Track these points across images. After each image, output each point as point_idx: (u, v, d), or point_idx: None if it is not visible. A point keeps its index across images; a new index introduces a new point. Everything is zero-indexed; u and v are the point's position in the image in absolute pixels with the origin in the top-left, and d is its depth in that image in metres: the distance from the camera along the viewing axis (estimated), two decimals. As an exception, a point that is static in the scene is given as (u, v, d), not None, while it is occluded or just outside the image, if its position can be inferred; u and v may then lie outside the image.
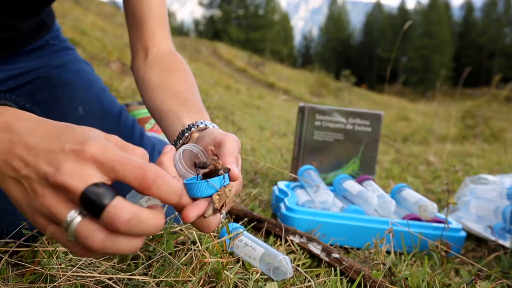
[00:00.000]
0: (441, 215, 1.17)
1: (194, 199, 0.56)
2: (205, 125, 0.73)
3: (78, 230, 0.44)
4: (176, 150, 0.70)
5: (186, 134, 0.73)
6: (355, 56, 54.24)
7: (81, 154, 0.44)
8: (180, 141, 0.74)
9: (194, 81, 0.90)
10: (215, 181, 0.55)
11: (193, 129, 0.73)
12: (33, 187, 0.45)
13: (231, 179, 0.57)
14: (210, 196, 0.56)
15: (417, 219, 1.12)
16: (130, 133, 1.05)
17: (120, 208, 0.43)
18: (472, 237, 1.26)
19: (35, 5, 0.96)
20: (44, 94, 1.03)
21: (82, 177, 0.44)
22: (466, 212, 1.31)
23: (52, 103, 1.02)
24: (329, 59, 52.31)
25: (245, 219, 1.05)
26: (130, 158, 0.45)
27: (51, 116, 1.01)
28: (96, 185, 0.44)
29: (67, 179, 0.43)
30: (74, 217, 0.44)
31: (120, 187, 0.48)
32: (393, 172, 2.27)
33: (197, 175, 0.58)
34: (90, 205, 0.43)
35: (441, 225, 1.08)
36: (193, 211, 0.53)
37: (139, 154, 0.50)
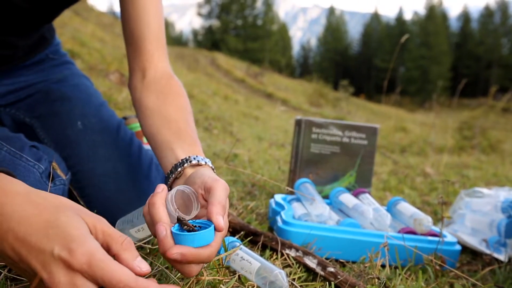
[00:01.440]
0: (437, 228, 1.18)
1: None
2: (198, 161, 0.77)
3: None
4: (169, 186, 0.75)
5: (179, 169, 0.77)
6: (353, 66, 54.52)
7: (70, 266, 0.49)
8: (173, 175, 0.77)
9: (190, 107, 0.93)
10: (201, 236, 0.59)
11: (185, 164, 0.77)
12: (32, 280, 0.51)
13: (216, 230, 0.61)
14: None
15: (412, 232, 1.13)
16: (128, 146, 1.06)
17: None
18: (467, 250, 1.27)
19: (36, 24, 0.98)
20: (43, 108, 1.04)
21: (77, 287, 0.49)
22: (461, 225, 1.32)
23: (51, 117, 1.04)
24: (327, 69, 52.54)
25: (242, 232, 1.06)
26: (111, 278, 0.49)
27: (51, 129, 1.02)
28: None
29: None
30: None
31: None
32: (390, 183, 2.28)
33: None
34: None
35: (436, 238, 1.09)
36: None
37: (123, 244, 0.54)
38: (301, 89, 17.05)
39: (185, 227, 0.62)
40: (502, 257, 1.15)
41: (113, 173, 0.99)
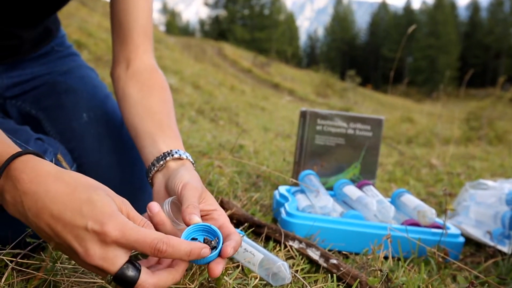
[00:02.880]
0: (441, 221, 1.18)
1: None
2: (179, 155, 0.80)
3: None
4: (150, 178, 0.81)
5: (161, 163, 0.80)
6: (360, 56, 54.11)
7: (103, 238, 0.53)
8: (155, 168, 0.80)
9: (172, 101, 0.96)
10: (207, 258, 0.61)
11: (168, 158, 0.80)
12: (69, 253, 0.56)
13: (222, 256, 0.63)
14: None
15: (416, 224, 1.13)
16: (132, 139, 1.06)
17: (145, 284, 0.55)
18: (471, 242, 1.27)
19: (40, 15, 0.98)
20: (49, 101, 1.05)
21: (111, 260, 0.54)
22: (465, 217, 1.32)
23: (57, 109, 1.04)
24: (335, 59, 52.21)
25: (246, 224, 1.07)
26: (145, 238, 0.54)
27: (56, 121, 1.03)
28: (125, 266, 0.55)
29: (99, 263, 0.54)
30: (111, 281, 0.56)
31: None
32: (396, 175, 2.27)
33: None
34: (122, 282, 0.55)
35: (440, 230, 1.09)
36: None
37: (144, 226, 0.59)
38: (308, 79, 16.97)
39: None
40: (505, 249, 1.15)
41: (117, 165, 1.00)
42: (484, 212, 1.29)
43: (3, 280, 0.67)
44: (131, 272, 0.54)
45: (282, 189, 1.30)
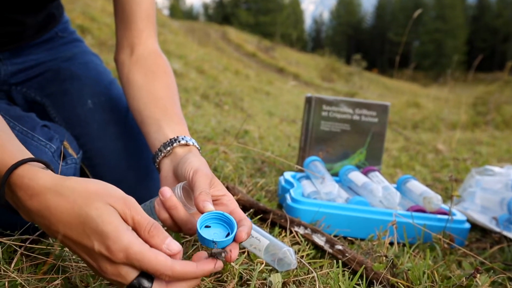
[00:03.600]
0: (446, 207, 1.18)
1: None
2: (186, 141, 0.80)
3: None
4: (157, 164, 0.82)
5: (168, 149, 0.80)
6: (366, 40, 53.52)
7: (112, 259, 0.53)
8: (162, 154, 0.81)
9: (176, 87, 0.96)
10: (223, 242, 0.62)
11: (175, 144, 0.80)
12: (87, 264, 0.57)
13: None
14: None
15: (422, 210, 1.13)
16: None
17: None
18: (477, 228, 1.27)
19: (43, 0, 0.97)
20: (53, 87, 1.05)
21: (123, 276, 0.54)
22: (471, 203, 1.32)
23: (61, 95, 1.04)
24: (340, 43, 51.69)
25: (251, 209, 1.07)
26: (148, 263, 0.53)
27: (61, 108, 1.03)
28: (135, 281, 0.55)
29: (112, 278, 0.55)
30: None
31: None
32: (401, 160, 2.27)
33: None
34: None
35: (445, 217, 1.09)
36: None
37: (150, 232, 0.57)
38: (313, 63, 16.85)
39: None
40: (511, 235, 1.15)
41: (123, 152, 1.00)
42: (490, 198, 1.28)
43: (12, 265, 0.68)
44: (142, 283, 0.55)
45: (287, 175, 1.30)
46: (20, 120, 0.81)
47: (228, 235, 0.64)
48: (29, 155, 0.60)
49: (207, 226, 0.66)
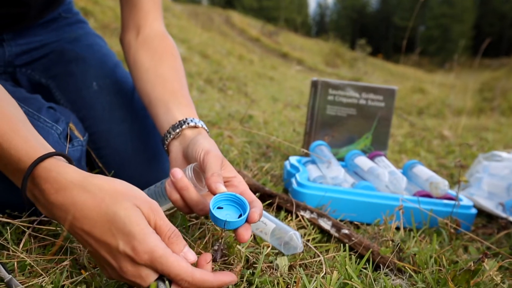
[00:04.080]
0: (453, 192, 1.18)
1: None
2: (195, 123, 0.80)
3: None
4: (166, 146, 0.82)
5: (177, 131, 0.80)
6: (371, 25, 52.92)
7: (134, 260, 0.54)
8: (171, 136, 0.81)
9: (183, 69, 0.95)
10: (236, 223, 0.64)
11: (184, 126, 0.80)
12: (102, 265, 0.57)
13: (249, 221, 0.65)
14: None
15: (428, 195, 1.13)
16: (143, 108, 1.06)
17: None
18: (483, 214, 1.26)
19: None
20: (58, 69, 1.04)
21: (143, 278, 0.55)
22: (478, 188, 1.31)
23: (66, 77, 1.03)
24: (345, 28, 51.14)
25: (257, 193, 1.07)
26: (172, 269, 0.54)
27: (66, 90, 1.02)
28: (155, 282, 0.55)
29: (132, 279, 0.55)
30: None
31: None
32: (406, 146, 2.26)
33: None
34: None
35: (452, 202, 1.08)
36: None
37: (170, 238, 0.58)
38: (317, 48, 16.70)
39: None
40: (518, 221, 1.15)
41: (129, 134, 0.99)
42: (497, 183, 1.28)
43: (21, 245, 0.68)
44: (161, 286, 0.55)
45: (293, 159, 1.30)
46: (26, 102, 0.81)
47: (240, 216, 0.65)
48: (51, 149, 0.60)
49: (219, 208, 0.66)
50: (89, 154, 0.99)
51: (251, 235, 0.68)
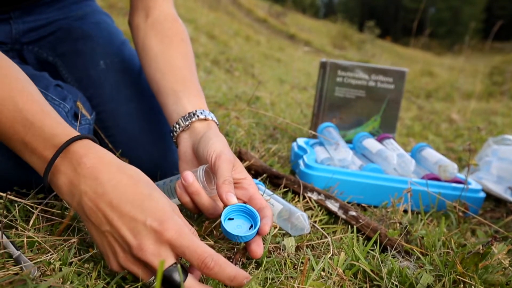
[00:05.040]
0: (461, 175, 1.17)
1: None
2: (205, 116, 0.79)
3: None
4: (175, 138, 0.81)
5: (187, 123, 0.79)
6: (380, 6, 52.08)
7: (160, 236, 0.53)
8: (180, 128, 0.80)
9: (193, 55, 0.94)
10: (247, 237, 0.65)
11: (193, 118, 0.79)
12: (114, 247, 0.55)
13: (260, 233, 0.66)
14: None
15: (436, 179, 1.12)
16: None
17: None
18: (491, 198, 1.25)
19: None
20: (65, 47, 1.03)
21: (162, 258, 0.53)
22: (487, 172, 1.30)
23: (74, 56, 1.03)
24: (353, 9, 50.40)
25: (264, 174, 1.06)
26: (197, 247, 0.53)
27: (73, 69, 1.02)
28: (172, 266, 0.53)
29: (150, 258, 0.52)
30: (154, 283, 0.54)
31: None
32: (414, 129, 2.24)
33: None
34: (168, 282, 0.53)
35: (460, 185, 1.07)
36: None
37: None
38: (325, 30, 16.50)
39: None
40: (527, 205, 1.14)
41: (136, 113, 0.99)
42: (507, 167, 1.26)
43: (30, 223, 0.69)
44: (178, 274, 0.53)
45: (300, 141, 1.29)
46: (33, 79, 0.79)
47: (251, 227, 0.66)
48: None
49: (230, 218, 0.67)
50: (96, 133, 0.99)
51: (268, 243, 0.69)
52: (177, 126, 0.81)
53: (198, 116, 0.79)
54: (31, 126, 0.58)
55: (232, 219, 0.68)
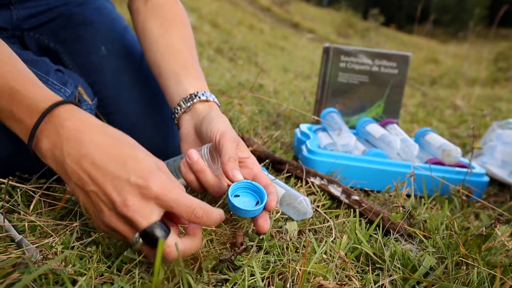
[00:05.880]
0: (465, 160, 1.16)
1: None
2: (206, 97, 0.79)
3: (141, 248, 0.56)
4: (176, 119, 0.81)
5: (188, 104, 0.79)
6: (384, -6, 51.54)
7: (145, 191, 0.53)
8: (182, 110, 0.80)
9: (193, 38, 0.93)
10: (255, 211, 0.65)
11: (195, 100, 0.79)
12: (100, 206, 0.55)
13: (267, 209, 0.66)
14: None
15: (440, 163, 1.11)
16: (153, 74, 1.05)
17: (171, 247, 0.54)
18: (495, 182, 1.25)
19: None
20: (66, 33, 1.03)
21: (146, 215, 0.53)
22: (491, 157, 1.29)
23: (75, 42, 1.02)
24: (357, -3, 49.94)
25: (267, 160, 1.06)
26: (185, 200, 0.54)
27: (75, 55, 1.01)
28: (155, 224, 0.53)
29: (133, 215, 0.53)
30: (138, 239, 0.54)
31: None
32: (418, 116, 2.23)
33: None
34: (149, 239, 0.53)
35: (464, 169, 1.07)
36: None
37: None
38: (329, 18, 16.36)
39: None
40: (531, 189, 1.13)
41: (138, 99, 0.98)
42: (511, 152, 1.25)
43: (31, 207, 0.69)
44: (160, 231, 0.53)
45: (303, 127, 1.28)
46: (34, 64, 0.80)
47: (257, 203, 0.67)
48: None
49: (236, 195, 0.67)
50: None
51: (271, 226, 0.68)
52: (179, 108, 0.80)
53: (199, 97, 0.79)
54: (16, 93, 0.58)
55: (238, 196, 0.68)
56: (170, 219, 0.60)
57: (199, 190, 0.71)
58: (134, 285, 0.55)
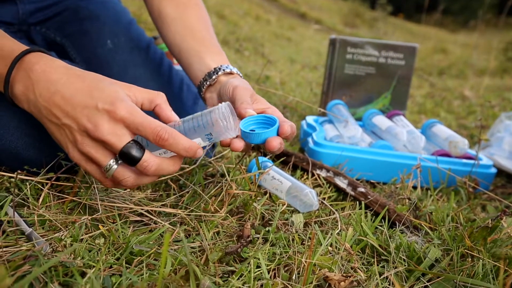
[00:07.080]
0: (473, 152, 1.15)
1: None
2: (230, 69, 0.81)
3: (115, 175, 0.60)
4: (203, 93, 0.82)
5: (213, 77, 0.80)
6: (392, -17, 50.91)
7: (113, 115, 0.56)
8: (207, 83, 0.81)
9: (208, 18, 0.94)
10: (267, 133, 0.63)
11: (219, 72, 0.81)
12: (74, 135, 0.58)
13: (280, 134, 0.65)
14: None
15: (447, 155, 1.11)
16: (158, 66, 1.05)
17: (149, 161, 0.58)
18: (502, 174, 1.24)
19: None
20: (72, 27, 1.03)
21: (118, 136, 0.57)
22: (498, 148, 1.28)
23: (81, 36, 1.02)
24: (365, -14, 49.41)
25: (273, 153, 1.06)
26: (150, 123, 0.57)
27: (81, 49, 1.02)
28: (130, 143, 0.57)
29: (106, 137, 0.56)
30: (112, 165, 0.59)
31: None
32: (426, 107, 2.21)
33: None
34: (127, 158, 0.58)
35: (471, 161, 1.06)
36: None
37: (158, 96, 0.65)
38: (336, 8, 16.22)
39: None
40: (539, 181, 1.12)
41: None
42: (519, 143, 1.25)
43: (40, 200, 0.70)
44: (136, 149, 0.57)
45: (310, 119, 1.28)
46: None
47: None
48: None
49: (252, 130, 0.66)
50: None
51: (280, 144, 0.64)
52: (204, 82, 0.82)
53: (224, 70, 0.81)
54: None
55: (254, 131, 0.65)
56: None
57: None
58: (141, 277, 0.56)
